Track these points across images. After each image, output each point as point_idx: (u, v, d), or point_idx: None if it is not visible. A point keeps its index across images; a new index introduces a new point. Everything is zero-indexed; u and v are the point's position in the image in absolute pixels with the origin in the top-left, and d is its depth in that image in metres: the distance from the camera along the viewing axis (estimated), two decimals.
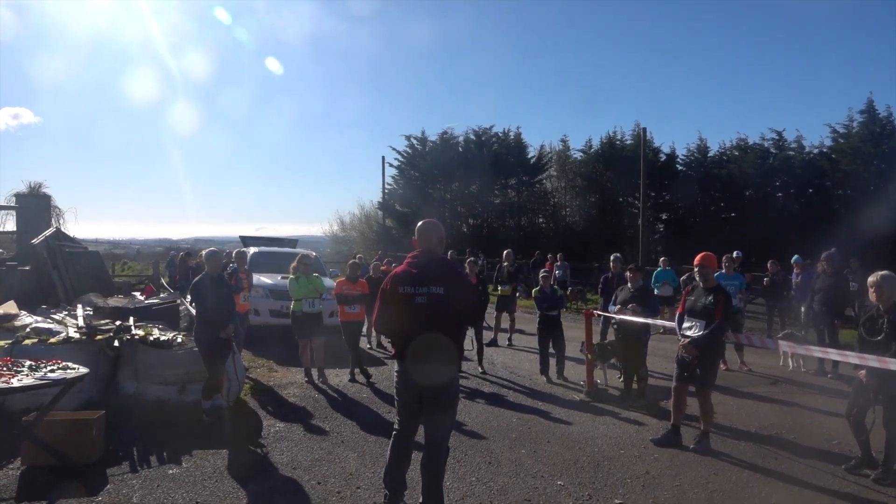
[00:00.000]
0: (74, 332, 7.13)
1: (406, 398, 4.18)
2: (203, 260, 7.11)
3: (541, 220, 37.48)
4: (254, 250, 13.17)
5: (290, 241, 15.54)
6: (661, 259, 14.31)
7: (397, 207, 37.23)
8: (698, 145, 33.16)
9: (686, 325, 6.06)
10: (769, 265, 12.08)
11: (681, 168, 33.50)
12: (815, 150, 29.56)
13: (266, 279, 11.33)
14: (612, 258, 10.14)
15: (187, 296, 9.42)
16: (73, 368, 5.11)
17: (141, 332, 7.30)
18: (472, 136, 37.06)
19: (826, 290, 9.42)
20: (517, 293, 13.38)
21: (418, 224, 4.38)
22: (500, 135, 36.94)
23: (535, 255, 22.53)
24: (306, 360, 8.60)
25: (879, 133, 26.74)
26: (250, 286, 9.52)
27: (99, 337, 7.02)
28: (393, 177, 38.17)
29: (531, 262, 22.08)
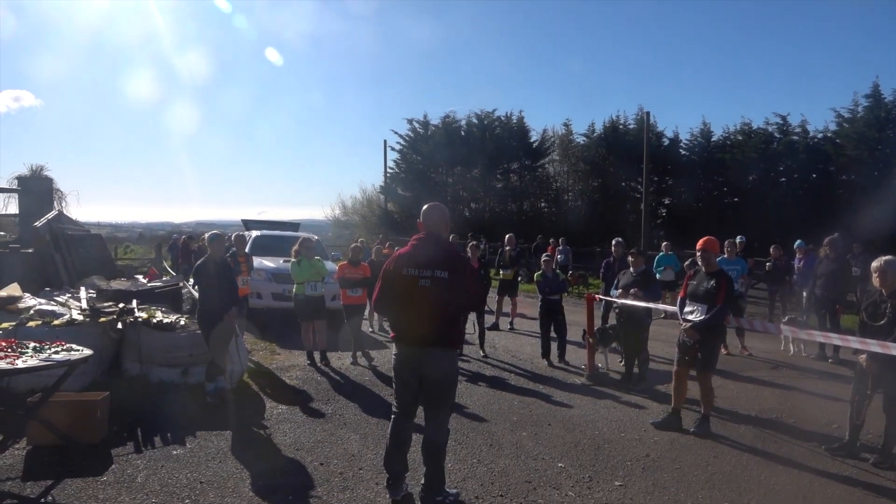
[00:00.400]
0: (78, 314, 7.16)
1: (405, 381, 4.21)
2: (206, 243, 7.12)
3: (543, 204, 37.39)
4: (256, 234, 13.18)
5: (292, 224, 15.53)
6: (664, 244, 14.29)
7: (399, 191, 37.18)
8: (702, 130, 32.98)
9: (687, 309, 6.06)
10: (772, 250, 12.06)
11: (684, 153, 33.34)
12: (820, 135, 29.39)
13: (268, 263, 11.34)
14: (613, 242, 10.14)
15: (190, 279, 9.44)
16: (77, 350, 5.13)
17: (144, 315, 7.33)
18: (475, 120, 36.89)
19: (828, 275, 9.41)
20: (519, 277, 13.40)
21: (424, 207, 4.36)
22: (503, 119, 36.76)
23: (538, 240, 22.53)
24: (308, 342, 8.63)
25: (885, 118, 26.52)
26: (249, 270, 9.53)
27: (102, 319, 7.06)
28: (395, 161, 38.11)
29: (533, 247, 22.08)
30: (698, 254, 6.16)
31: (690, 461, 5.21)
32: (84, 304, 7.64)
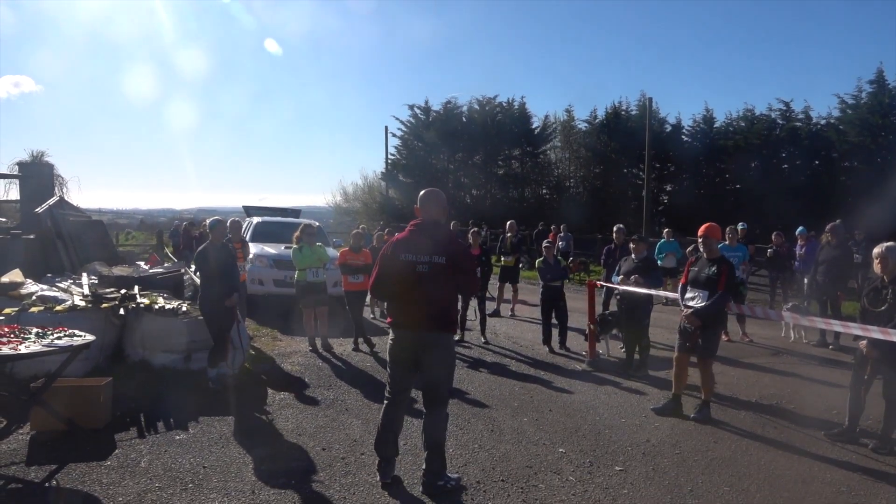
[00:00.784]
0: (80, 300, 7.17)
1: (401, 365, 4.25)
2: (207, 229, 7.11)
3: (544, 191, 37.30)
4: (257, 220, 13.17)
5: (293, 210, 15.51)
6: (665, 230, 14.28)
7: (400, 178, 37.07)
8: (704, 116, 32.80)
9: (689, 295, 6.06)
10: (774, 237, 12.05)
11: (686, 139, 33.18)
12: (823, 122, 29.24)
13: (270, 249, 11.35)
14: (615, 229, 10.12)
15: (191, 265, 9.44)
16: (80, 336, 5.15)
17: (146, 301, 7.35)
18: (476, 107, 36.69)
19: (830, 261, 9.41)
20: (520, 264, 13.41)
21: (421, 192, 4.37)
22: (504, 105, 36.55)
23: (539, 227, 22.52)
24: (310, 329, 8.66)
25: (888, 104, 26.33)
26: (245, 256, 9.52)
27: (104, 305, 7.07)
28: (396, 147, 37.97)
29: (534, 234, 22.08)
30: (700, 240, 6.15)
31: (691, 446, 5.24)
32: (86, 290, 7.65)
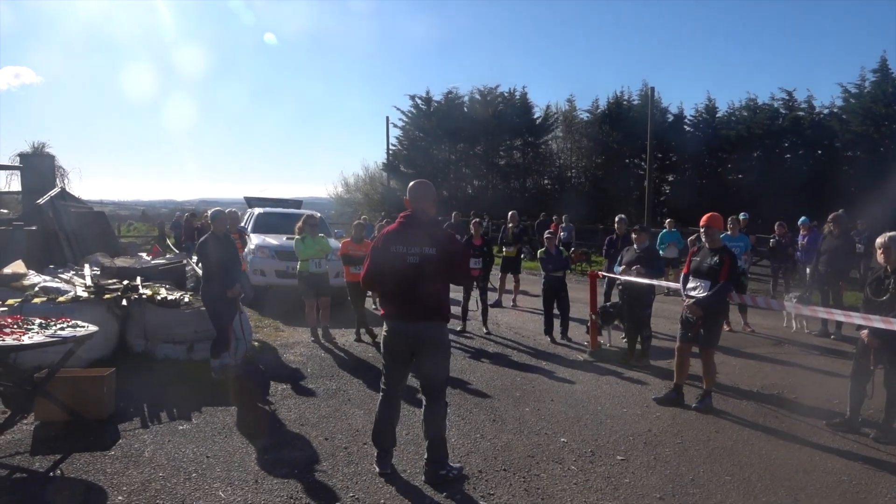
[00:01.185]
0: (83, 291, 7.18)
1: (395, 356, 4.28)
2: (208, 220, 7.12)
3: (546, 181, 37.22)
4: (259, 211, 13.17)
5: (295, 201, 15.50)
6: (667, 220, 14.26)
7: (402, 168, 36.98)
8: (706, 105, 32.65)
9: (691, 285, 6.06)
10: (776, 227, 12.02)
11: (688, 129, 33.06)
12: (826, 111, 29.10)
13: (271, 240, 11.35)
14: (617, 219, 10.11)
15: (193, 256, 9.45)
16: (83, 327, 5.16)
17: (148, 292, 7.36)
18: (478, 96, 36.53)
19: (832, 251, 9.40)
20: (522, 255, 13.41)
21: (410, 184, 4.41)
22: (506, 95, 36.39)
23: (541, 217, 22.49)
24: (312, 319, 8.67)
25: (892, 93, 26.16)
26: (244, 247, 9.51)
27: (107, 296, 7.08)
28: (397, 137, 37.85)
29: (536, 224, 22.05)
30: (702, 230, 6.14)
31: (692, 436, 5.25)
32: (88, 282, 7.67)
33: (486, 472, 4.40)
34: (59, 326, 5.07)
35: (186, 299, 7.41)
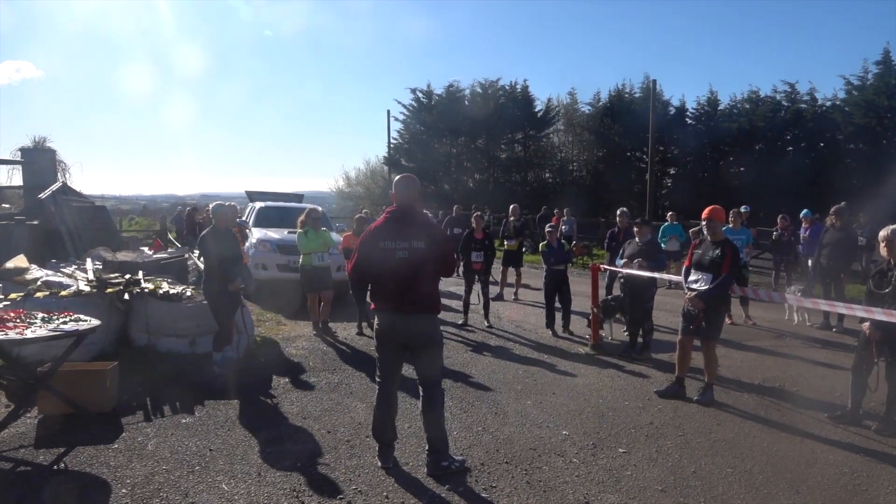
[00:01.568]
0: (85, 285, 7.19)
1: (389, 349, 4.31)
2: (210, 214, 7.12)
3: (547, 174, 37.18)
4: (260, 205, 13.17)
5: (296, 195, 15.51)
6: (669, 213, 14.24)
7: (403, 162, 36.95)
8: (708, 98, 32.58)
9: (692, 278, 6.05)
10: (779, 219, 12.00)
11: (690, 122, 32.98)
12: (828, 103, 28.98)
13: (273, 234, 11.35)
14: (618, 212, 10.09)
15: (195, 250, 9.45)
16: (85, 321, 5.17)
17: (150, 286, 7.36)
18: (479, 90, 36.48)
19: (834, 244, 9.38)
20: (523, 248, 13.39)
21: (395, 178, 4.47)
22: (507, 88, 36.32)
23: (542, 210, 22.46)
24: (314, 313, 8.68)
25: (895, 85, 26.10)
26: (245, 240, 9.52)
27: (109, 290, 7.09)
28: (399, 131, 37.83)
29: (537, 217, 22.02)
30: (704, 223, 6.13)
31: (693, 429, 5.26)
32: (91, 276, 7.67)
33: (489, 465, 4.41)
34: (61, 320, 5.08)
35: (188, 293, 7.42)
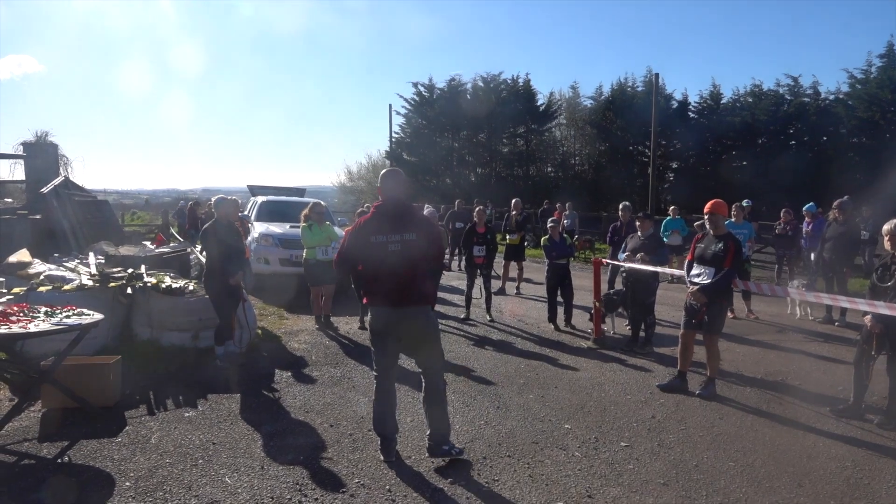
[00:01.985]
0: (88, 279, 7.20)
1: (384, 342, 4.33)
2: (212, 208, 7.11)
3: (549, 168, 37.16)
4: (262, 199, 13.17)
5: (298, 190, 15.51)
6: (671, 208, 14.22)
7: (405, 157, 36.95)
8: (711, 92, 32.53)
9: (695, 272, 6.04)
10: (783, 214, 11.98)
11: (693, 116, 32.90)
12: (832, 97, 28.90)
13: (275, 228, 11.35)
14: (621, 207, 10.08)
15: (197, 244, 9.46)
16: (88, 315, 5.18)
17: (153, 280, 7.38)
18: (481, 84, 36.45)
19: (837, 238, 9.35)
20: (525, 242, 13.39)
21: (382, 172, 4.48)
22: (509, 82, 36.26)
23: (544, 204, 22.44)
24: (318, 307, 8.69)
25: None
26: (246, 234, 9.52)
27: (112, 284, 7.10)
28: (401, 125, 37.81)
29: (539, 212, 22.00)
30: (706, 217, 6.11)
31: (696, 422, 5.26)
32: (93, 270, 7.69)
33: (491, 459, 4.42)
34: (64, 314, 5.09)
35: (191, 287, 7.42)
